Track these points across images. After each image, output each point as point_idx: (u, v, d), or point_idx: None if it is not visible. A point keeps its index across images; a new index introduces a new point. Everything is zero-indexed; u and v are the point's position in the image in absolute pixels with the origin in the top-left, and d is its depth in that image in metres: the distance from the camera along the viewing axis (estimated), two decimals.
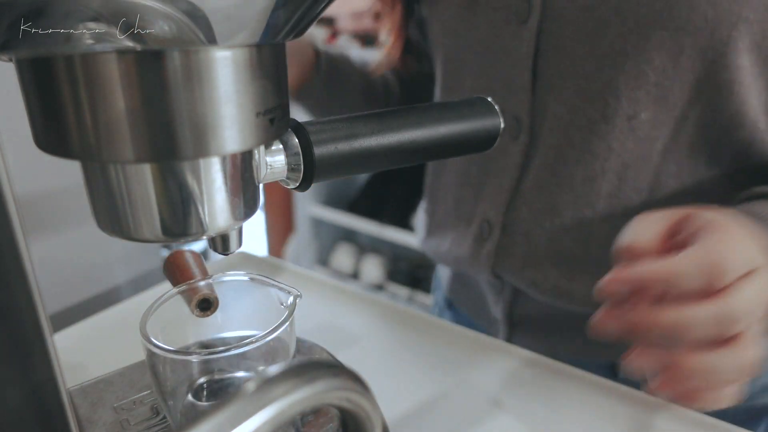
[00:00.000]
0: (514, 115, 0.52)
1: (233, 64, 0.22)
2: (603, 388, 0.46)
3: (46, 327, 0.19)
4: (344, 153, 0.29)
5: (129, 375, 0.39)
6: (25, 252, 0.18)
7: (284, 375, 0.18)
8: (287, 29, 0.23)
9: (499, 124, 0.33)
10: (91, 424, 0.34)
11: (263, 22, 0.21)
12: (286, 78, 0.26)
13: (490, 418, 0.42)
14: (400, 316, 0.55)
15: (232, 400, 0.17)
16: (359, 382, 0.20)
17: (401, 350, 0.50)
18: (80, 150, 0.21)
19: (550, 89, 0.49)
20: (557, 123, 0.50)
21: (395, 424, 0.42)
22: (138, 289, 0.64)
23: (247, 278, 0.36)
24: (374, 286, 2.04)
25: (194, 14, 0.19)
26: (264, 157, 0.27)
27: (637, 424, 0.42)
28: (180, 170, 0.23)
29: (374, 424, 0.21)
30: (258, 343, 0.30)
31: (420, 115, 0.31)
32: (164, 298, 0.34)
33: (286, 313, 0.32)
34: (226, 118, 0.22)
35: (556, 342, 0.58)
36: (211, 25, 0.20)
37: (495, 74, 0.53)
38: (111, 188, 0.23)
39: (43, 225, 0.55)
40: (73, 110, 0.21)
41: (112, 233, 0.24)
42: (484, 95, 0.53)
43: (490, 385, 0.46)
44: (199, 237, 0.25)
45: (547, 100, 0.50)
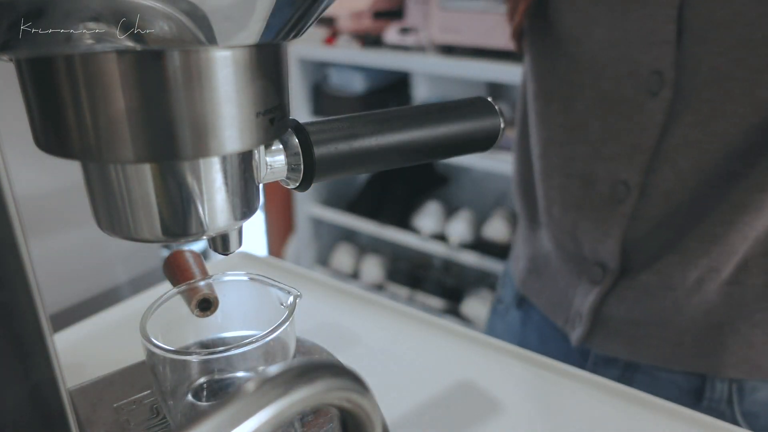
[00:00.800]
0: (654, 70, 0.48)
1: (233, 64, 0.22)
2: (603, 388, 0.46)
3: (46, 327, 0.19)
4: (344, 153, 0.29)
5: (129, 375, 0.39)
6: (25, 252, 0.18)
7: (284, 375, 0.18)
8: (287, 29, 0.23)
9: (499, 123, 0.33)
10: (91, 424, 0.34)
11: (263, 22, 0.21)
12: (287, 78, 0.26)
13: (490, 419, 0.42)
14: (400, 316, 0.55)
15: (232, 400, 0.17)
16: (359, 382, 0.20)
17: (401, 350, 0.50)
18: (80, 150, 0.21)
19: (700, 40, 0.46)
20: (713, 76, 0.46)
21: (395, 424, 0.42)
22: (138, 289, 0.64)
23: (247, 278, 0.36)
24: (374, 286, 2.04)
25: (194, 14, 0.19)
26: (264, 157, 0.27)
27: (638, 424, 0.42)
28: (180, 170, 0.23)
29: (374, 424, 0.21)
30: (258, 343, 0.30)
31: (420, 115, 0.31)
32: (164, 298, 0.34)
33: (286, 313, 0.32)
34: (226, 118, 0.22)
35: (639, 347, 0.56)
36: (211, 25, 0.20)
37: (632, 25, 0.49)
38: (111, 188, 0.23)
39: (43, 225, 0.55)
40: (73, 110, 0.21)
41: (112, 233, 0.24)
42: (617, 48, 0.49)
43: (490, 385, 0.46)
44: (199, 237, 0.25)
45: (697, 52, 0.46)
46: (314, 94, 1.99)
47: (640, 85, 0.50)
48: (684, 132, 0.48)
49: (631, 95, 0.51)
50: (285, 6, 0.21)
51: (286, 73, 0.25)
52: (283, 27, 0.22)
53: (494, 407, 0.44)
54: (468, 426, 0.42)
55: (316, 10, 0.23)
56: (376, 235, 1.95)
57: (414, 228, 1.87)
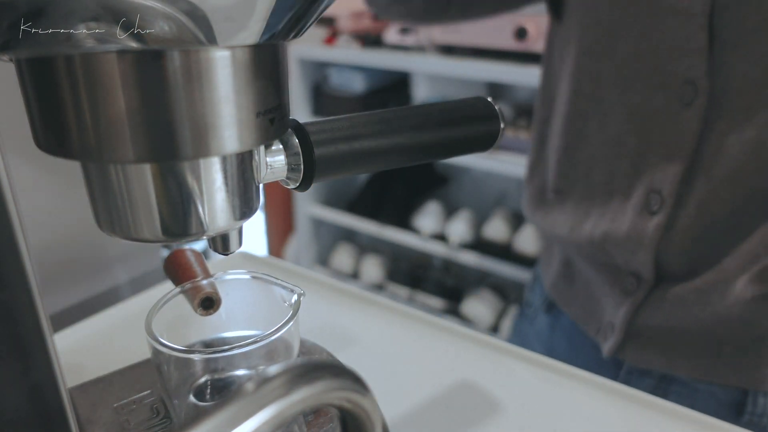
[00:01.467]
0: (687, 79, 0.48)
1: (233, 64, 0.22)
2: (603, 388, 0.46)
3: (46, 327, 0.19)
4: (344, 153, 0.29)
5: (129, 375, 0.39)
6: (25, 252, 0.18)
7: (284, 375, 0.18)
8: (287, 29, 0.23)
9: (499, 124, 0.33)
10: (91, 424, 0.34)
11: (263, 22, 0.21)
12: (286, 78, 0.26)
13: (490, 419, 0.42)
14: (400, 316, 0.55)
15: (232, 399, 0.17)
16: (359, 382, 0.20)
17: (401, 350, 0.50)
18: (80, 150, 0.21)
19: (732, 48, 0.46)
20: (746, 84, 0.46)
21: (395, 424, 0.42)
22: (138, 289, 0.64)
23: (250, 277, 0.36)
24: (374, 286, 2.04)
25: (194, 14, 0.19)
26: (264, 157, 0.27)
27: (638, 424, 0.42)
28: (180, 170, 0.23)
29: (374, 424, 0.21)
30: (264, 342, 0.30)
31: (420, 115, 0.31)
32: (169, 296, 0.34)
33: (290, 311, 0.32)
34: (226, 118, 0.22)
35: (675, 358, 0.54)
36: (211, 25, 0.20)
37: (661, 36, 0.49)
38: (111, 188, 0.23)
39: (43, 225, 0.55)
40: (73, 110, 0.21)
41: (112, 233, 0.24)
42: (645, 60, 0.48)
43: (490, 385, 0.46)
44: (199, 237, 0.25)
45: (729, 60, 0.46)
46: (314, 94, 1.99)
47: (673, 96, 0.49)
48: (719, 140, 0.48)
49: (663, 106, 0.50)
50: (285, 6, 0.21)
51: (286, 73, 0.25)
52: (283, 27, 0.22)
53: (494, 407, 0.44)
54: (468, 426, 0.42)
55: (316, 10, 0.23)
56: (376, 235, 1.95)
57: (414, 228, 1.87)
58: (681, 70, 0.48)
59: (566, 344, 0.65)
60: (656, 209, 0.51)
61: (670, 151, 0.50)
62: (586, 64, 0.55)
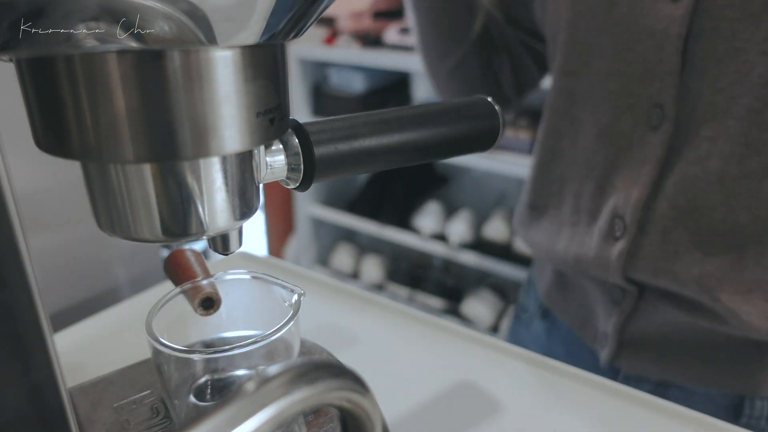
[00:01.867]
0: (656, 103, 0.47)
1: (233, 64, 0.22)
2: (603, 388, 0.46)
3: (46, 327, 0.19)
4: (344, 153, 0.29)
5: (129, 375, 0.39)
6: (25, 252, 0.18)
7: (284, 375, 0.18)
8: (287, 29, 0.23)
9: (499, 124, 0.33)
10: (91, 424, 0.34)
11: (263, 22, 0.21)
12: (286, 78, 0.26)
13: (490, 419, 0.42)
14: (400, 316, 0.55)
15: (232, 400, 0.17)
16: (359, 382, 0.20)
17: (401, 350, 0.50)
18: (80, 150, 0.21)
19: (703, 74, 0.45)
20: (711, 113, 0.45)
21: (395, 424, 0.42)
22: (138, 289, 0.64)
23: (250, 277, 0.36)
24: (374, 286, 2.04)
25: (194, 14, 0.19)
26: (264, 157, 0.27)
27: (637, 424, 0.42)
28: (180, 170, 0.23)
29: (374, 424, 0.21)
30: (265, 342, 0.30)
31: (420, 115, 0.31)
32: (169, 296, 0.34)
33: (290, 311, 0.32)
34: (226, 118, 0.22)
35: (670, 365, 0.54)
36: (211, 25, 0.20)
37: (634, 56, 0.48)
38: (111, 188, 0.23)
39: (43, 224, 0.55)
40: (73, 110, 0.21)
41: (112, 233, 0.24)
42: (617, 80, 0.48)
43: (491, 385, 0.46)
44: (199, 237, 0.25)
45: (697, 87, 0.45)
46: (314, 94, 1.99)
47: (641, 118, 0.49)
48: (683, 169, 0.47)
49: (630, 128, 0.50)
50: (285, 6, 0.21)
51: (286, 73, 0.25)
52: (283, 27, 0.22)
53: (494, 407, 0.44)
54: (468, 426, 0.42)
55: (316, 10, 0.23)
56: (376, 235, 1.95)
57: (414, 228, 1.87)
58: (651, 92, 0.48)
59: (563, 350, 0.65)
60: (619, 235, 0.51)
61: (635, 175, 0.50)
62: (562, 81, 0.55)
